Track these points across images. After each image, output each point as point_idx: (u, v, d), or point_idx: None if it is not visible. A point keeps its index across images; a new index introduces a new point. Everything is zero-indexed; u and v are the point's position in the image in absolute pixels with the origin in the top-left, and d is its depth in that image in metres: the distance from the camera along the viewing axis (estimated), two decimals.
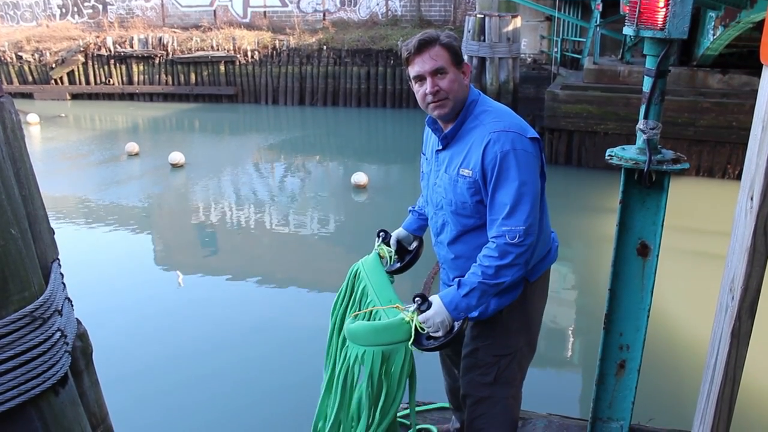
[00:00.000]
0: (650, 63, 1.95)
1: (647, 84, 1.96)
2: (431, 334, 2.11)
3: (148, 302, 6.99)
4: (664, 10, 1.82)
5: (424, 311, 2.11)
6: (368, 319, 2.38)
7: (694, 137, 10.99)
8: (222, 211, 10.51)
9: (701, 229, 8.40)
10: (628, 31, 1.97)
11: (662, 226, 2.04)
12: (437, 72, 2.15)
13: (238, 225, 10.04)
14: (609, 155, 2.08)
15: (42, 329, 1.77)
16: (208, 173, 12.89)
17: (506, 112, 2.19)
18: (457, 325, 2.07)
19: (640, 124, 1.99)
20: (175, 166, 12.90)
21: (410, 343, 2.14)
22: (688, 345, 5.76)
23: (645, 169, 1.94)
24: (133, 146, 14.08)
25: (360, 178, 11.36)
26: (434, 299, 2.12)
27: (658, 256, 2.07)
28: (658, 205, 2.04)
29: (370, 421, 2.29)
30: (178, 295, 7.46)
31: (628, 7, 1.91)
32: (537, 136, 2.10)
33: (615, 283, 2.13)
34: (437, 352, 2.48)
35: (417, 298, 2.15)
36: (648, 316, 2.14)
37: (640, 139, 2.01)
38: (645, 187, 2.01)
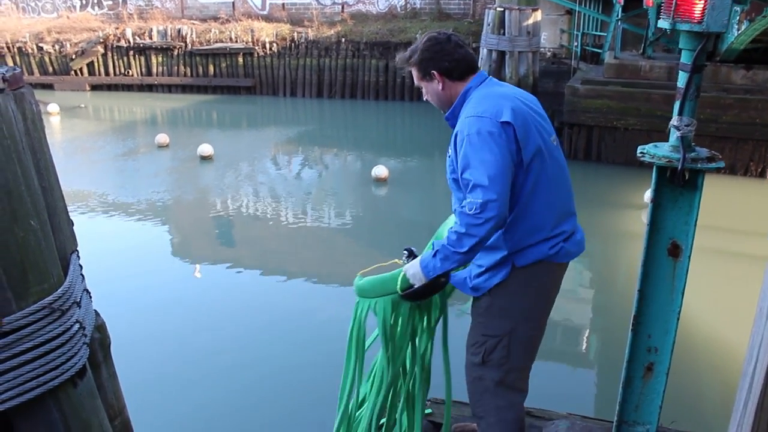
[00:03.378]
0: (686, 57, 1.89)
1: (682, 79, 1.89)
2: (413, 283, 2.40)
3: (166, 294, 7.00)
4: (702, 2, 1.76)
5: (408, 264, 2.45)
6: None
7: (716, 134, 10.83)
8: (245, 204, 10.51)
9: (724, 227, 8.28)
10: (663, 24, 1.91)
11: (695, 226, 1.98)
12: (420, 88, 2.57)
13: (260, 217, 10.03)
14: (641, 152, 2.01)
15: (61, 321, 1.75)
16: (236, 165, 12.92)
17: (484, 98, 2.35)
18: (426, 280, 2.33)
19: (674, 121, 1.93)
20: (205, 159, 12.94)
21: (399, 288, 2.43)
22: (718, 348, 5.67)
23: (679, 168, 1.88)
24: (163, 138, 14.13)
25: (380, 171, 11.32)
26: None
27: (690, 257, 2.01)
28: (690, 205, 1.98)
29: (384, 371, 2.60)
30: (196, 287, 7.46)
31: (652, 1, 1.85)
32: (508, 120, 2.23)
33: (645, 284, 2.07)
34: None
35: (405, 251, 2.56)
36: (678, 319, 2.08)
37: (674, 136, 1.94)
38: (678, 186, 1.95)
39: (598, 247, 8.27)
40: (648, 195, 9.58)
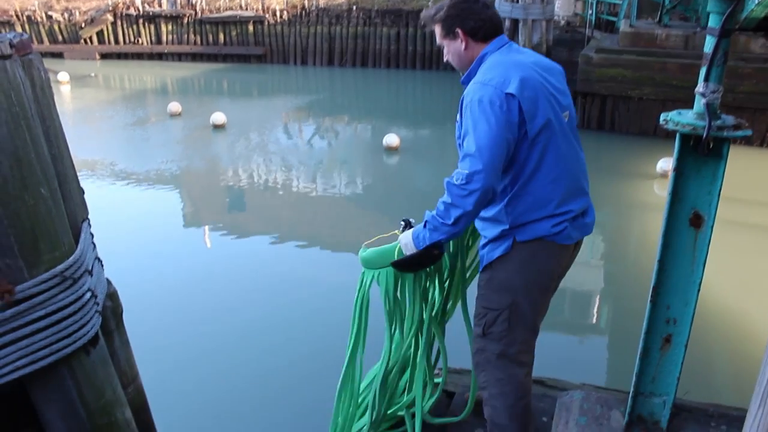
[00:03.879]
0: (714, 21, 1.82)
1: (709, 44, 1.82)
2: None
3: (178, 263, 7.02)
4: None
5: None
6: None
7: (733, 104, 10.64)
8: (256, 173, 10.50)
9: (739, 198, 8.17)
10: None
11: (718, 196, 1.92)
12: (442, 47, 2.47)
13: (271, 186, 10.01)
14: (664, 120, 1.95)
15: (73, 289, 1.73)
16: (248, 134, 12.89)
17: (497, 65, 2.29)
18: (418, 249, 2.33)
19: (700, 87, 1.86)
20: (218, 127, 12.90)
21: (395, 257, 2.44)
22: (735, 320, 5.64)
23: (704, 136, 1.82)
24: (175, 106, 14.08)
25: (392, 139, 11.25)
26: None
27: (712, 227, 1.96)
28: (714, 174, 1.92)
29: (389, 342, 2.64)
30: (209, 255, 7.47)
31: None
32: (513, 92, 2.16)
33: (664, 255, 2.03)
34: None
35: (402, 222, 2.56)
36: (698, 290, 2.04)
37: (699, 103, 1.88)
38: (702, 155, 1.89)
39: (610, 217, 8.21)
40: (660, 165, 9.54)
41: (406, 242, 2.38)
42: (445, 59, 2.49)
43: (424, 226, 2.30)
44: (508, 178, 2.29)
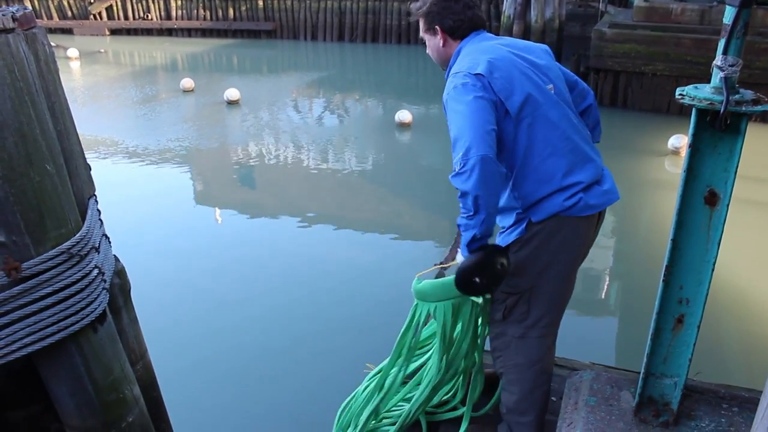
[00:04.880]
0: None
1: (729, 15, 1.76)
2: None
3: (187, 240, 7.02)
4: None
5: None
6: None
7: (749, 80, 10.45)
8: (268, 149, 10.46)
9: (755, 177, 8.07)
10: None
11: (735, 173, 1.88)
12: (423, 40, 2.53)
13: (282, 163, 9.98)
14: (680, 94, 1.90)
15: (79, 266, 1.73)
16: (262, 110, 12.83)
17: (466, 54, 2.33)
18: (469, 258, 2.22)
19: (718, 60, 1.81)
20: (232, 103, 12.85)
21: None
22: (749, 301, 5.59)
23: (721, 111, 1.77)
24: (188, 82, 14.03)
25: (404, 116, 11.18)
26: None
27: (728, 206, 1.92)
28: (731, 151, 1.87)
29: (440, 371, 2.59)
30: (218, 232, 7.48)
31: None
32: (481, 72, 2.19)
33: (678, 234, 1.98)
34: None
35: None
36: (713, 270, 2.00)
37: (717, 77, 1.82)
38: (719, 131, 1.84)
39: (621, 194, 8.11)
40: (671, 142, 9.43)
41: (462, 259, 2.30)
42: (427, 51, 2.53)
43: (462, 232, 2.27)
44: (506, 162, 2.26)
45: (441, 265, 2.80)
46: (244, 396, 4.45)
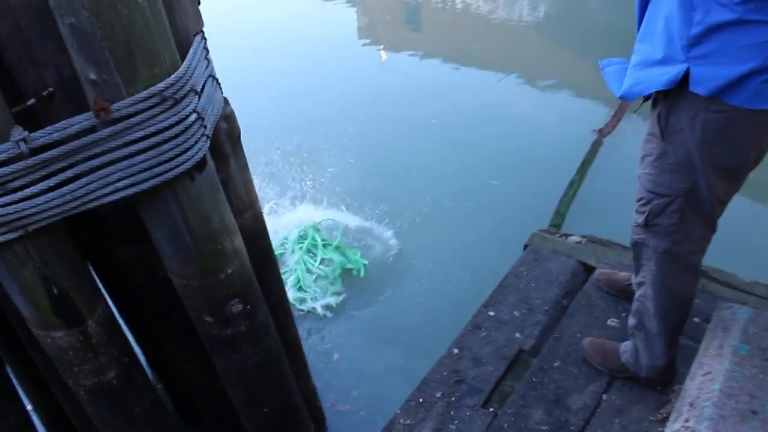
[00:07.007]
0: None
1: None
2: None
3: (348, 79, 6.82)
4: None
5: None
6: None
7: None
8: None
9: None
10: None
11: None
12: None
13: (451, 6, 9.36)
14: None
15: (174, 110, 1.61)
16: None
17: None
18: None
19: None
20: None
21: None
22: None
23: None
24: None
25: None
26: None
27: None
28: None
29: None
30: (380, 72, 7.22)
31: None
32: None
33: None
34: None
35: None
36: None
37: None
38: None
39: None
40: None
41: None
42: None
43: None
44: None
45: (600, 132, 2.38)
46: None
